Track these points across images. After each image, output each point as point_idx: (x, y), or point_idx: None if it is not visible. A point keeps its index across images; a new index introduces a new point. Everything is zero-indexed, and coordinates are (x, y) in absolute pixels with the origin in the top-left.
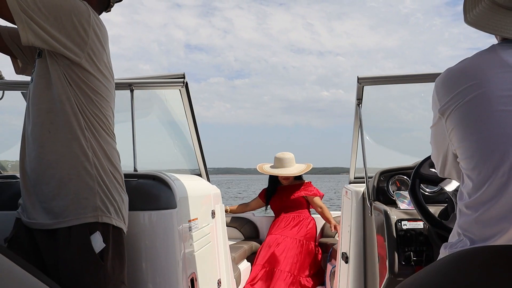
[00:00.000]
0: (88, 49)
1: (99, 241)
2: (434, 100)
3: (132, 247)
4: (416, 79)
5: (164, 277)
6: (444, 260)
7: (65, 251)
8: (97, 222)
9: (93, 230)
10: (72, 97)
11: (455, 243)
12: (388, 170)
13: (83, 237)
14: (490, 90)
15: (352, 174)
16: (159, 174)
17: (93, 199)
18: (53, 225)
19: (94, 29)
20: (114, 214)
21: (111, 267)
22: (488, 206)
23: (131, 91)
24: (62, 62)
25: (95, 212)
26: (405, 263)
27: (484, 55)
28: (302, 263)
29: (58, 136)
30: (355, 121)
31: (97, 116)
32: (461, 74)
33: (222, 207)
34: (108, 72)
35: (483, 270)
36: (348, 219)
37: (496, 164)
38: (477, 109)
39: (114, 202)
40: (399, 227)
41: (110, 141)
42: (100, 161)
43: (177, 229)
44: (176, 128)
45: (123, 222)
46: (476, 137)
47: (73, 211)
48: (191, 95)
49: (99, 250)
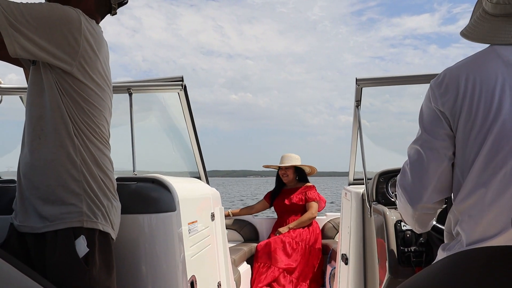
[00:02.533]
0: (80, 58)
1: (83, 246)
2: (430, 100)
3: (131, 250)
4: (414, 80)
5: (164, 280)
6: (443, 261)
7: (51, 255)
8: (82, 227)
9: (77, 235)
10: (63, 105)
11: (453, 244)
12: (387, 172)
13: (68, 241)
14: (493, 88)
15: (352, 176)
16: (158, 177)
17: (80, 204)
18: (42, 229)
19: (86, 37)
20: (101, 219)
21: (97, 272)
22: (487, 207)
23: (129, 94)
24: (55, 70)
25: (80, 217)
26: (404, 264)
27: (484, 54)
28: (304, 265)
29: (47, 143)
30: (353, 123)
31: (88, 124)
32: (462, 72)
33: (221, 209)
34: (103, 81)
35: (481, 271)
36: (348, 221)
37: (497, 166)
38: (480, 107)
39: (102, 207)
40: (399, 228)
41: (102, 148)
42: (89, 168)
43: (177, 232)
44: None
45: (111, 227)
46: (477, 137)
47: (60, 216)
48: None
49: (83, 254)
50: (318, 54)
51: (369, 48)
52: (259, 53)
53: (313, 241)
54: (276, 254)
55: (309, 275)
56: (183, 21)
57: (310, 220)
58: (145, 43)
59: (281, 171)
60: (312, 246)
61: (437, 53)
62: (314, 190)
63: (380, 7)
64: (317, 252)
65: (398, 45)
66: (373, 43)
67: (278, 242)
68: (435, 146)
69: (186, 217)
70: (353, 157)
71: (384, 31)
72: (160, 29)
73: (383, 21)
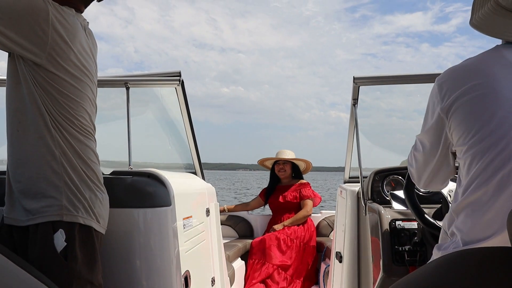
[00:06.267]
0: (50, 50)
1: (61, 240)
2: (434, 99)
3: (125, 245)
4: (412, 79)
5: (158, 275)
6: (438, 261)
7: (32, 248)
8: (62, 221)
9: (56, 228)
10: (38, 97)
11: (448, 244)
12: (383, 170)
13: (47, 235)
14: (496, 90)
15: (347, 174)
16: (154, 172)
17: (60, 197)
18: (25, 222)
19: (55, 27)
20: (82, 212)
21: (77, 266)
22: (484, 208)
23: (126, 88)
24: (27, 63)
25: (60, 210)
26: (398, 263)
27: (489, 55)
28: (298, 263)
29: (26, 135)
30: (350, 121)
31: (65, 116)
32: (466, 72)
33: (217, 205)
34: (80, 71)
35: (476, 272)
36: (343, 219)
37: (496, 167)
38: (483, 109)
39: (84, 200)
40: (393, 227)
41: (83, 140)
42: (69, 160)
43: (172, 227)
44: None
45: (95, 220)
46: (477, 138)
47: (40, 209)
48: None
49: (60, 248)
50: (310, 50)
51: (362, 45)
52: (251, 47)
53: (308, 239)
54: (270, 250)
55: (303, 273)
56: (177, 13)
57: (305, 218)
58: (138, 34)
59: (278, 166)
60: (307, 244)
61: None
62: (308, 187)
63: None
64: (311, 249)
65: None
66: (365, 40)
67: (273, 239)
68: (433, 143)
69: (181, 212)
70: (349, 155)
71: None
72: (153, 20)
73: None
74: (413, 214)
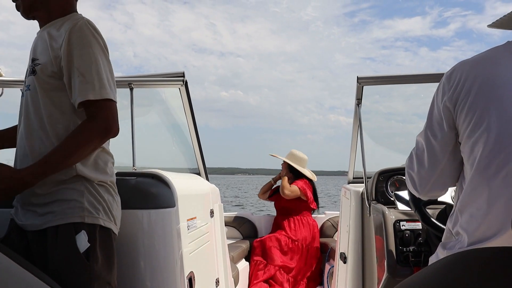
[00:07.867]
0: None
1: (84, 241)
2: (440, 92)
3: (130, 246)
4: (416, 79)
5: (162, 276)
6: (443, 261)
7: (52, 250)
8: (83, 222)
9: (78, 230)
10: (63, 105)
11: (454, 244)
12: (387, 170)
13: (68, 236)
14: (506, 83)
15: (351, 174)
16: (158, 173)
17: (81, 200)
18: (43, 225)
19: None
20: (103, 214)
21: (98, 268)
22: (488, 208)
23: (130, 89)
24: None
25: (81, 212)
26: (403, 263)
27: (500, 49)
28: (302, 264)
29: (48, 143)
30: (354, 121)
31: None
32: (476, 65)
33: (221, 206)
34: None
35: (481, 272)
36: (347, 219)
37: (499, 165)
38: (490, 102)
39: (104, 202)
40: (398, 228)
41: None
42: (87, 166)
43: (176, 228)
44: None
45: (113, 223)
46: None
47: (61, 211)
48: None
49: (83, 249)
50: (310, 54)
51: (361, 49)
52: (251, 51)
53: (310, 240)
54: (271, 252)
55: (307, 274)
56: (176, 18)
57: (285, 189)
58: (137, 39)
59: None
60: (310, 245)
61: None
62: (303, 181)
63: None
64: (315, 250)
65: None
66: (364, 44)
67: (273, 240)
68: (438, 141)
69: (185, 213)
70: (353, 155)
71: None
72: (153, 25)
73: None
74: (417, 215)
